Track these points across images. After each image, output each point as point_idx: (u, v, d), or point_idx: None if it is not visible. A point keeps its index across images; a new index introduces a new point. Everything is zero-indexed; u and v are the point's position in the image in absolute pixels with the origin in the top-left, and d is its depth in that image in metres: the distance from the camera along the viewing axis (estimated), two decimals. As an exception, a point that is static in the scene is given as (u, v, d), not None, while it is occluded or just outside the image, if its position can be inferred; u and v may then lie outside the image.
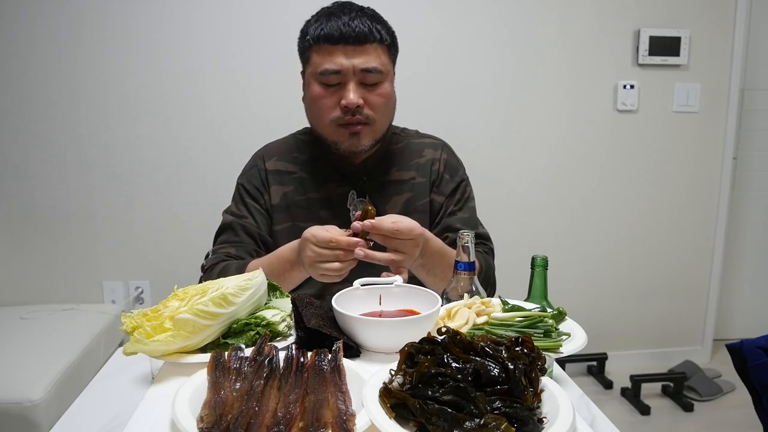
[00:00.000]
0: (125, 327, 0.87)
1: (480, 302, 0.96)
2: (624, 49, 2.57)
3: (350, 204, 1.28)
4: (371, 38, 1.16)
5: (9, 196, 2.33)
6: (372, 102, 1.19)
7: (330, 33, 1.15)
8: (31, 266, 2.39)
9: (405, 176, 1.30)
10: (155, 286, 2.43)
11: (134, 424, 0.75)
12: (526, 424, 0.65)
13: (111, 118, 2.33)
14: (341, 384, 0.74)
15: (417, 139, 1.36)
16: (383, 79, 1.19)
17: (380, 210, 1.25)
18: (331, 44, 1.15)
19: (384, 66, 1.19)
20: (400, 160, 1.32)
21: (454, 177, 1.34)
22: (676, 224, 2.75)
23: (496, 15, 2.46)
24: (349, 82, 1.16)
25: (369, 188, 1.29)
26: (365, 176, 1.29)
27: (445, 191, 1.32)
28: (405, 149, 1.33)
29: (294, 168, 1.30)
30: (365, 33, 1.15)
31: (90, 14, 2.25)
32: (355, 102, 1.16)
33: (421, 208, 1.30)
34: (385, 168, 1.30)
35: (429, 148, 1.34)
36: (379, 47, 1.18)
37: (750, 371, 1.11)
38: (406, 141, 1.35)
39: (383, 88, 1.20)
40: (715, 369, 2.73)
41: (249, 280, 0.95)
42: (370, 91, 1.18)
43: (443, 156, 1.34)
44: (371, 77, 1.17)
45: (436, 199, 1.31)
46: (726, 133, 2.69)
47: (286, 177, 1.30)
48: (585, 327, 0.92)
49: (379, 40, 1.17)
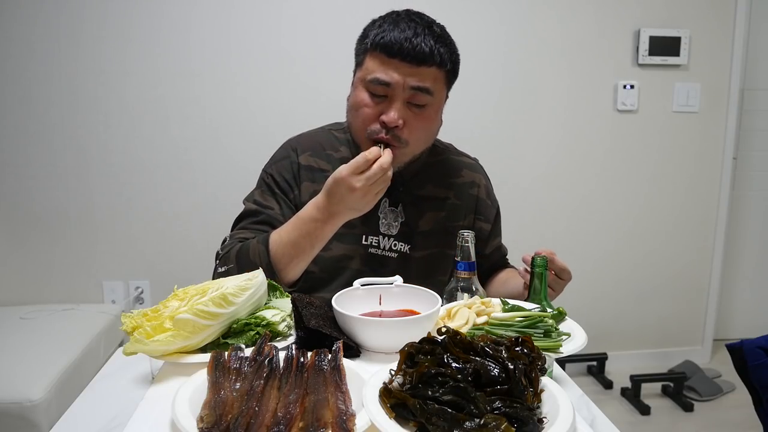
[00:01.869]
0: (125, 327, 0.87)
1: (480, 302, 0.97)
2: (624, 49, 2.57)
3: (381, 212, 1.23)
4: (430, 60, 1.10)
5: (9, 196, 2.33)
6: (413, 125, 1.13)
7: (389, 44, 1.08)
8: (31, 266, 2.39)
9: (441, 194, 1.27)
10: (155, 286, 2.43)
11: (134, 424, 0.75)
12: (526, 424, 0.65)
13: (111, 118, 2.33)
14: (341, 384, 0.74)
15: (455, 156, 1.34)
16: (431, 102, 1.13)
17: (412, 224, 1.24)
18: (387, 55, 1.09)
19: (436, 90, 1.13)
20: (438, 177, 1.28)
21: (494, 201, 1.35)
22: (676, 224, 2.75)
23: (495, 15, 2.46)
24: (396, 98, 1.10)
25: (403, 199, 1.25)
26: (401, 186, 1.23)
27: (489, 218, 1.33)
28: (443, 165, 1.30)
29: (326, 166, 1.24)
30: (425, 54, 1.09)
31: (90, 14, 2.25)
32: (395, 121, 1.10)
33: (453, 230, 1.22)
34: (421, 181, 1.26)
35: (467, 169, 1.32)
36: (437, 71, 1.12)
37: (750, 371, 1.11)
38: (444, 156, 1.32)
39: (428, 113, 1.14)
40: (715, 369, 2.73)
41: (249, 280, 0.95)
42: (415, 114, 1.13)
43: (483, 181, 1.34)
44: (419, 98, 1.11)
45: (483, 227, 1.31)
46: (726, 133, 2.69)
47: (318, 174, 1.23)
48: (585, 327, 0.93)
49: (438, 63, 1.11)
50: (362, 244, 1.23)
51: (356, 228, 1.22)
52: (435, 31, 1.12)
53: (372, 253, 1.23)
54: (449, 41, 1.15)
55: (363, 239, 1.23)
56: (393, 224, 1.23)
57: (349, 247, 1.22)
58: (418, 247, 1.24)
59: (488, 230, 1.32)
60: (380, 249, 1.23)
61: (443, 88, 1.17)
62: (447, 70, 1.15)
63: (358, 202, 1.05)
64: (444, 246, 1.25)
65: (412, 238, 1.24)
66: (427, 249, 1.25)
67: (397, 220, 1.24)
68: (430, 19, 1.15)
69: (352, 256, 1.23)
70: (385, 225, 1.23)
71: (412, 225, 1.24)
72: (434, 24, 1.14)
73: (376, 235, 1.23)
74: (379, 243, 1.23)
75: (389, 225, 1.23)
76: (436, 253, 1.25)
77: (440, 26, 1.15)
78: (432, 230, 1.25)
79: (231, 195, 1.31)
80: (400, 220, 1.24)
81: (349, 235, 1.22)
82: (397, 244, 1.24)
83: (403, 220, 1.24)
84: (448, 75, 1.17)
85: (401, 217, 1.24)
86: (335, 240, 1.21)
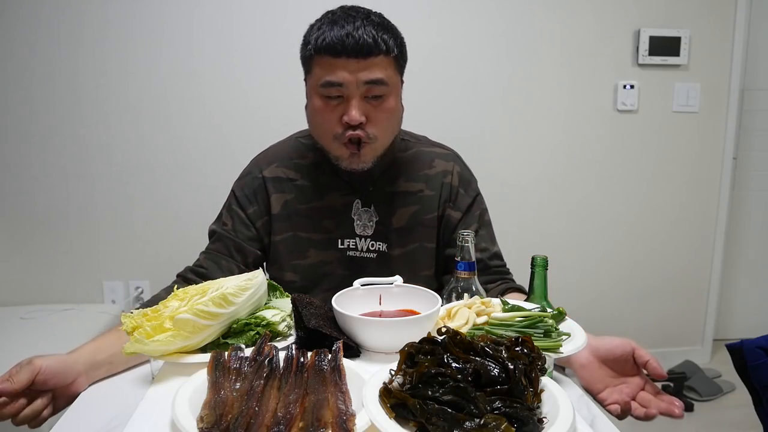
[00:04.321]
0: (125, 327, 0.87)
1: (480, 302, 0.96)
2: (624, 49, 2.57)
3: (354, 213, 1.23)
4: (376, 50, 1.07)
5: (9, 196, 2.33)
6: (375, 118, 1.11)
7: (332, 44, 1.06)
8: (31, 266, 2.39)
9: (413, 188, 1.24)
10: (155, 286, 2.43)
11: (134, 424, 0.75)
12: (526, 424, 0.65)
13: (111, 118, 2.33)
14: (341, 384, 0.74)
15: (427, 148, 1.29)
16: (388, 92, 1.12)
17: (386, 222, 1.23)
18: (333, 56, 1.07)
19: (389, 78, 1.11)
20: (409, 170, 1.25)
21: (469, 191, 1.28)
22: (676, 224, 2.75)
23: (495, 15, 2.46)
24: (352, 96, 1.09)
25: (375, 198, 1.23)
26: (371, 186, 1.22)
27: (461, 206, 1.26)
28: (414, 158, 1.27)
29: (295, 175, 1.24)
30: (370, 45, 1.06)
31: (91, 14, 2.25)
32: (357, 119, 1.09)
33: (429, 223, 1.24)
34: (392, 177, 1.24)
35: (440, 159, 1.28)
36: (385, 59, 1.10)
37: (750, 371, 1.11)
38: (415, 149, 1.28)
39: (388, 102, 1.12)
40: (715, 369, 2.73)
41: (249, 280, 0.95)
42: (375, 106, 1.11)
43: (456, 169, 1.28)
44: (376, 89, 1.09)
45: (452, 215, 1.25)
46: (726, 133, 2.69)
47: (287, 184, 1.24)
48: (585, 327, 0.92)
49: (385, 51, 1.09)
50: (339, 248, 1.22)
51: (331, 232, 1.22)
52: (374, 20, 1.10)
53: (351, 255, 1.23)
54: (390, 26, 1.14)
55: (339, 243, 1.22)
56: (368, 225, 1.22)
57: (326, 253, 1.22)
58: (395, 244, 1.23)
59: (457, 218, 1.25)
60: (358, 251, 1.23)
61: (395, 75, 1.14)
62: (395, 55, 1.12)
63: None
64: (422, 239, 1.24)
65: (388, 236, 1.23)
66: (405, 246, 1.23)
67: (372, 220, 1.22)
68: (366, 9, 1.13)
69: (330, 261, 1.22)
70: (360, 226, 1.22)
71: (386, 223, 1.23)
72: (372, 13, 1.13)
73: (352, 237, 1.22)
74: (357, 245, 1.22)
75: (364, 226, 1.22)
76: (415, 248, 1.24)
77: (378, 14, 1.14)
78: (407, 226, 1.23)
79: (231, 195, 1.31)
80: (375, 219, 1.22)
81: (324, 240, 1.22)
82: (375, 244, 1.23)
83: (377, 219, 1.22)
84: (397, 60, 1.14)
85: (375, 216, 1.22)
86: (311, 247, 1.22)
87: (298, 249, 1.23)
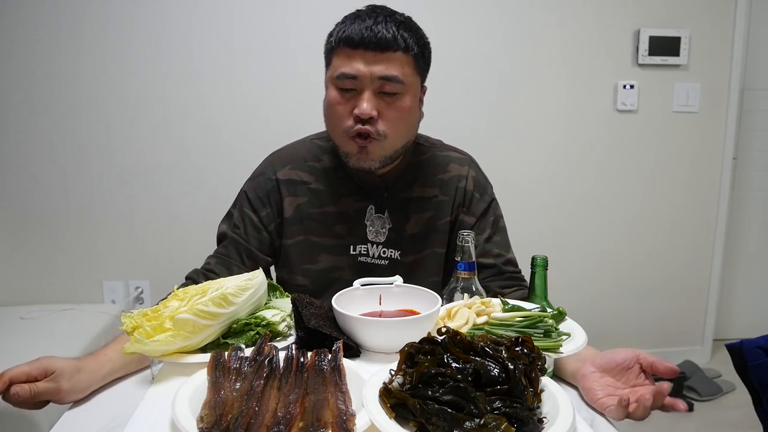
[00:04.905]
0: (125, 327, 0.87)
1: (480, 302, 0.96)
2: (624, 49, 2.57)
3: (367, 219, 1.21)
4: (394, 46, 1.06)
5: (9, 196, 2.33)
6: (387, 116, 1.09)
7: (351, 36, 1.06)
8: (31, 266, 2.39)
9: (427, 193, 1.23)
10: (155, 286, 2.44)
11: (134, 424, 0.75)
12: (526, 424, 0.66)
13: (111, 118, 2.32)
14: (341, 384, 0.74)
15: (442, 152, 1.27)
16: (403, 91, 1.09)
17: (399, 228, 1.21)
18: (350, 48, 1.07)
19: (406, 77, 1.09)
20: (424, 175, 1.23)
21: (484, 196, 1.26)
22: (676, 224, 2.75)
23: (495, 15, 2.46)
24: (365, 89, 1.07)
25: (389, 205, 1.21)
26: (385, 192, 1.21)
27: (475, 211, 1.24)
28: (429, 162, 1.25)
29: (309, 178, 1.22)
30: (388, 39, 1.06)
31: (91, 15, 2.25)
32: (367, 112, 1.07)
33: (442, 228, 1.23)
34: (407, 183, 1.22)
35: (455, 164, 1.26)
36: (403, 57, 1.08)
37: (750, 371, 1.11)
38: (430, 153, 1.26)
39: (402, 102, 1.10)
40: (715, 369, 2.72)
41: (249, 280, 0.95)
42: (388, 103, 1.09)
43: (471, 173, 1.26)
44: (389, 86, 1.08)
45: (465, 220, 1.23)
46: (726, 133, 2.69)
47: (300, 187, 1.21)
48: (585, 327, 0.92)
49: (403, 48, 1.07)
50: (351, 254, 1.22)
51: (344, 238, 1.21)
52: (397, 18, 1.11)
53: (362, 261, 1.22)
54: (414, 27, 1.13)
55: (351, 249, 1.22)
56: (381, 231, 1.21)
57: (337, 258, 1.21)
58: (407, 251, 1.22)
59: (470, 224, 1.23)
60: (369, 257, 1.22)
61: (414, 75, 1.12)
62: (414, 54, 1.10)
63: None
64: (434, 246, 1.23)
65: (401, 243, 1.22)
66: (417, 252, 1.22)
67: (385, 227, 1.21)
68: (393, 10, 1.14)
69: (342, 267, 1.22)
70: (372, 233, 1.21)
71: (399, 230, 1.22)
72: (397, 13, 1.13)
73: (365, 243, 1.22)
74: (368, 251, 1.22)
75: (377, 232, 1.21)
76: (426, 254, 1.23)
77: (404, 15, 1.14)
78: (419, 232, 1.22)
79: (231, 196, 1.30)
80: (388, 226, 1.21)
81: (337, 246, 1.21)
82: (387, 251, 1.22)
83: (390, 226, 1.21)
84: (417, 60, 1.12)
85: (388, 223, 1.21)
86: (323, 252, 1.21)
87: (310, 253, 1.21)
